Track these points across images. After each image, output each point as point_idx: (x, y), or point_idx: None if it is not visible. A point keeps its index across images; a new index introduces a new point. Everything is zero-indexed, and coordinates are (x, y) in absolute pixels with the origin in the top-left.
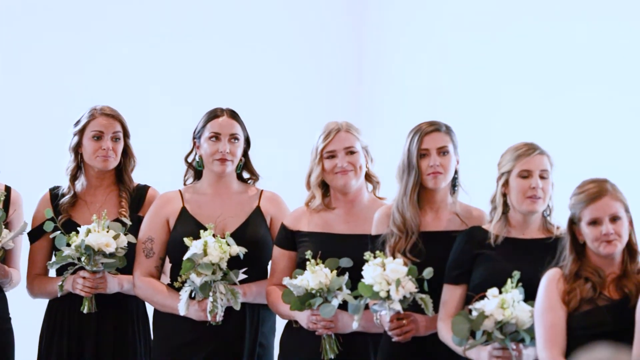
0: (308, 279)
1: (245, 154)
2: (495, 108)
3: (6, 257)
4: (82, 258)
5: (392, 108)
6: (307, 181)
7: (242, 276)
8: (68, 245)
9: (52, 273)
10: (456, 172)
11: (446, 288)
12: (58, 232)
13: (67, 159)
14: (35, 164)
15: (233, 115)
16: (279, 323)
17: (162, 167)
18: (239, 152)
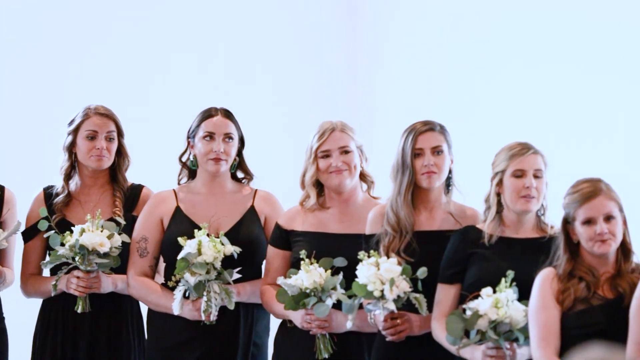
0: (302, 279)
1: (239, 154)
2: (489, 108)
3: (0, 257)
4: (76, 258)
5: (387, 107)
6: (302, 180)
7: (236, 276)
8: (62, 244)
9: (46, 272)
10: (450, 172)
11: (440, 287)
12: (52, 232)
13: (61, 159)
14: (29, 164)
15: (227, 114)
16: (273, 322)
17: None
18: (233, 152)
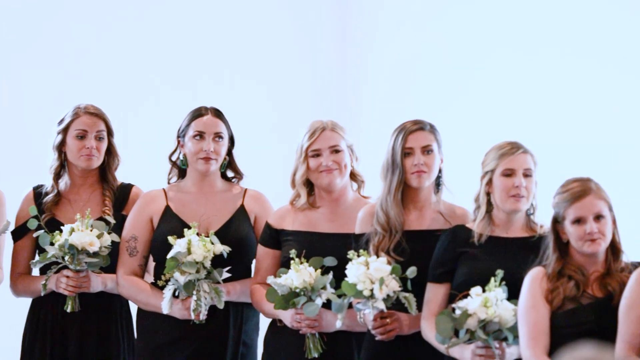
0: (292, 278)
1: (229, 153)
2: (479, 107)
3: None
4: (66, 257)
5: (377, 107)
6: (292, 180)
7: (226, 275)
8: (52, 244)
9: (36, 272)
10: (440, 171)
11: (430, 287)
12: (41, 231)
13: (51, 158)
14: (18, 163)
15: (217, 114)
16: (263, 322)
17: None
18: (223, 151)
